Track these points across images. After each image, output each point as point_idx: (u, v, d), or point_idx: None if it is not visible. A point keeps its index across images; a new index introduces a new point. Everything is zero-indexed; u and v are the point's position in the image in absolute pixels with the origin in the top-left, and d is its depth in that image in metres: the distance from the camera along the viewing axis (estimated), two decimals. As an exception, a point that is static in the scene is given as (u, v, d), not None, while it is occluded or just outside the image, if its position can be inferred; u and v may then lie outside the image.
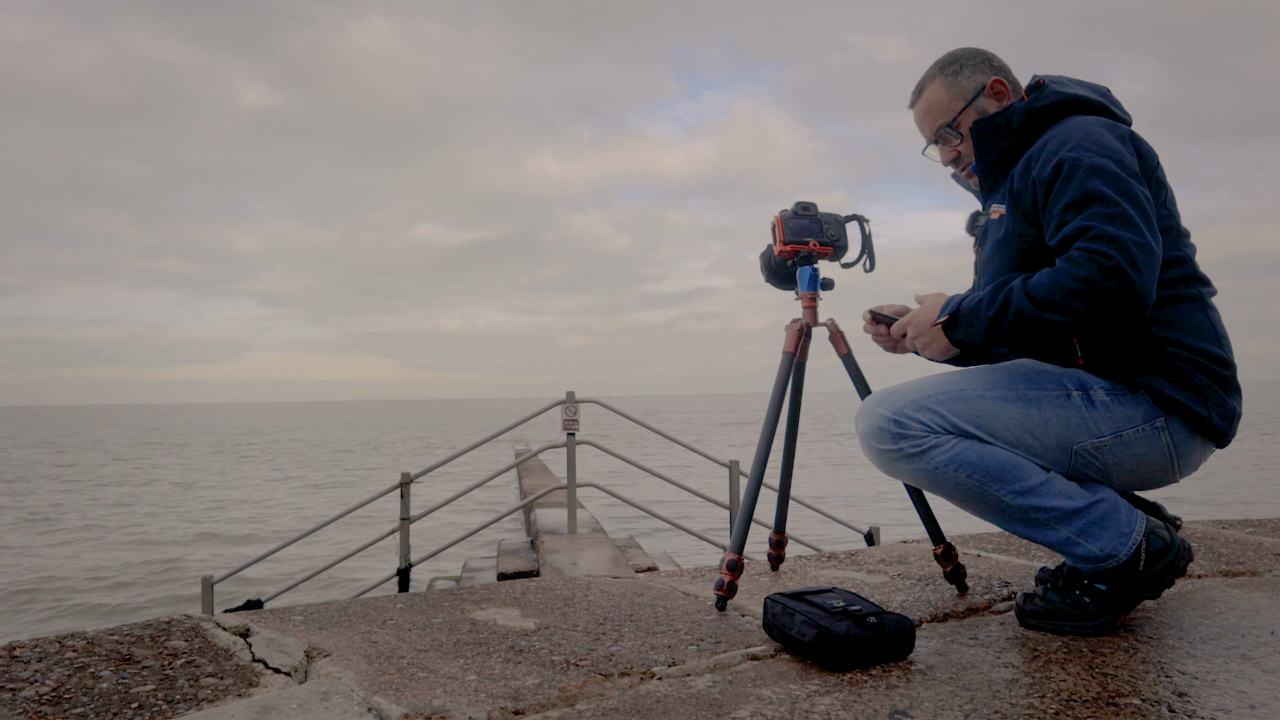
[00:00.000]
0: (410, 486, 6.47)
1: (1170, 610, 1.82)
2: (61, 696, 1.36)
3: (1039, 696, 1.33)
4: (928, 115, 1.85)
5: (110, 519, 16.29)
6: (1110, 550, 1.58)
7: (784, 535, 2.28)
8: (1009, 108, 1.73)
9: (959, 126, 1.81)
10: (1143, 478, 1.67)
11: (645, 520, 7.51)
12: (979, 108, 1.79)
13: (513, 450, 22.96)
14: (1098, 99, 1.72)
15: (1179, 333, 1.60)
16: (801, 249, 1.97)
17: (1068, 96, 1.70)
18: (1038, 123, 1.70)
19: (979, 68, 1.80)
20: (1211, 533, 2.78)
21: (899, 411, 1.64)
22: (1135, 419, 1.61)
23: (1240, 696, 1.32)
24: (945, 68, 1.82)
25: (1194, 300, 1.64)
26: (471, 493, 6.94)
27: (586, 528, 7.99)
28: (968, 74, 1.80)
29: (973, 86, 1.80)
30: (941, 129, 1.83)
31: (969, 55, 1.82)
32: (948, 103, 1.81)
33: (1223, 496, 15.54)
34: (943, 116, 1.82)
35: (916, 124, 1.89)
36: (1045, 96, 1.70)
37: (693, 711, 1.30)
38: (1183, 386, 1.59)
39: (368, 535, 6.74)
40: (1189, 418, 1.60)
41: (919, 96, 1.86)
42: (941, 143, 1.86)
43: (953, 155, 1.86)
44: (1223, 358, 1.63)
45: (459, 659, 1.58)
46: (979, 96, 1.79)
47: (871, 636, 1.48)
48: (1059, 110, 1.70)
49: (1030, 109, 1.71)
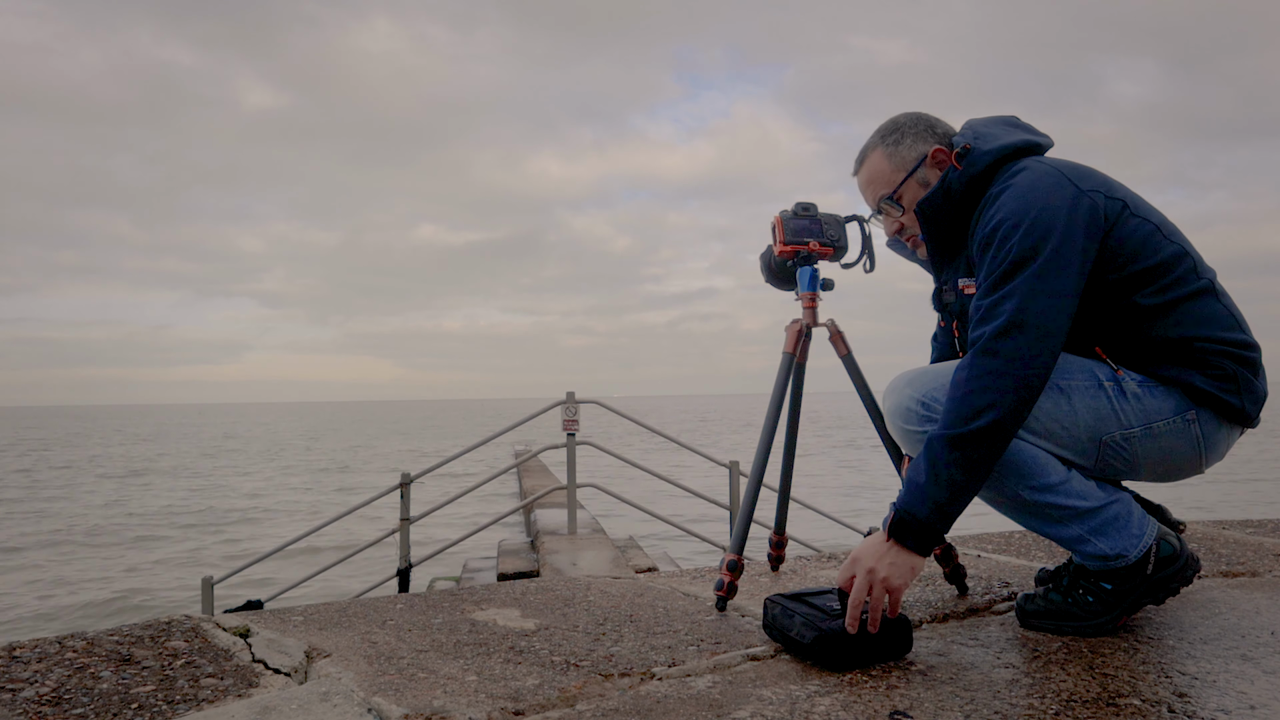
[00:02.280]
0: (410, 487, 6.47)
1: (1170, 611, 1.82)
2: (61, 697, 1.36)
3: (1039, 697, 1.33)
4: (870, 186, 1.83)
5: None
6: (1121, 550, 1.59)
7: (784, 536, 2.28)
8: (945, 179, 1.71)
9: (899, 199, 1.78)
10: (1169, 469, 1.66)
11: (645, 520, 7.50)
12: (920, 179, 1.76)
13: (513, 450, 22.97)
14: (1021, 139, 1.71)
15: (1205, 328, 1.60)
16: (801, 249, 1.97)
17: (995, 152, 1.68)
18: (977, 186, 1.69)
19: (920, 136, 1.77)
20: (1212, 533, 2.78)
21: (928, 394, 1.64)
22: (1166, 411, 1.60)
23: (1240, 697, 1.32)
24: (886, 137, 1.79)
25: (1206, 291, 1.63)
26: (471, 493, 6.94)
27: (586, 528, 8.00)
28: (909, 143, 1.77)
29: (914, 157, 1.76)
30: (883, 201, 1.81)
31: (910, 123, 1.79)
32: (889, 174, 1.78)
33: (1221, 497, 15.53)
34: (884, 188, 1.80)
35: (860, 192, 1.87)
36: (976, 161, 1.69)
37: (693, 712, 1.30)
38: (1216, 378, 1.59)
39: (368, 535, 6.74)
40: (1221, 408, 1.60)
41: (860, 166, 1.84)
42: (884, 215, 1.84)
43: (896, 227, 1.83)
44: (1248, 342, 1.62)
45: (459, 659, 1.58)
46: (920, 167, 1.76)
47: (870, 636, 1.48)
48: (992, 169, 1.68)
49: (968, 177, 1.69)
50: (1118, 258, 1.59)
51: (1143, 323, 1.61)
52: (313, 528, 6.37)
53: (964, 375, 1.51)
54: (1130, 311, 1.61)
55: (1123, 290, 1.60)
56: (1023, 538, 2.75)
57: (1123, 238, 1.60)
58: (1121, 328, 1.62)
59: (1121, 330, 1.63)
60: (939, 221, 1.74)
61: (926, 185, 1.76)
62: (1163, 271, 1.60)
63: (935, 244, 1.78)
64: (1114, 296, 1.60)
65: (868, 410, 1.99)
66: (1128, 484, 1.75)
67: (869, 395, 2.01)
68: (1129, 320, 1.62)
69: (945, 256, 1.79)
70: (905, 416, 1.67)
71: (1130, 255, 1.59)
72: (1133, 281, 1.60)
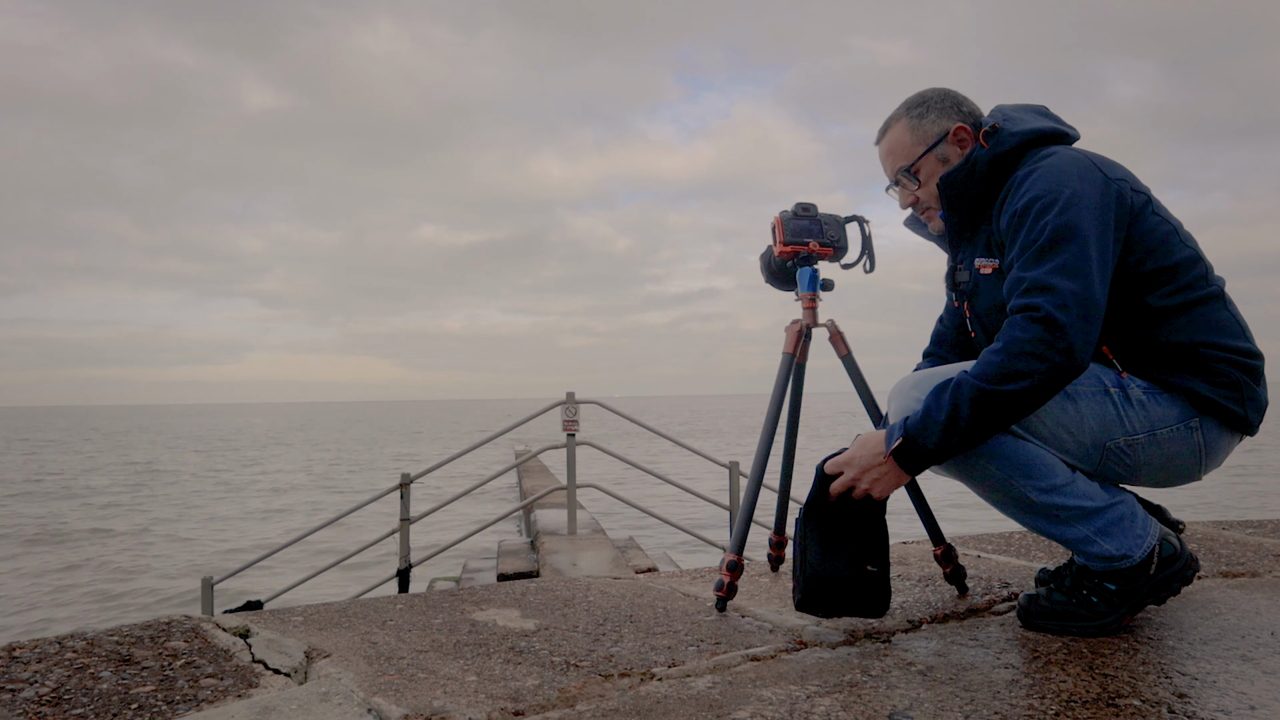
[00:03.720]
0: (410, 487, 6.47)
1: (1170, 611, 1.82)
2: (61, 697, 1.36)
3: (1039, 697, 1.33)
4: (889, 157, 1.83)
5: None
6: (1126, 550, 1.59)
7: (784, 536, 2.28)
8: (971, 157, 1.71)
9: (917, 172, 1.78)
10: (1169, 475, 1.67)
11: (645, 521, 7.51)
12: (940, 155, 1.76)
13: (513, 451, 22.96)
14: (1049, 126, 1.71)
15: (1212, 334, 1.60)
16: (801, 250, 1.97)
17: (1025, 134, 1.69)
18: (1002, 167, 1.69)
19: (946, 112, 1.77)
20: (1212, 534, 2.78)
21: None
22: (1170, 418, 1.61)
23: (1240, 697, 1.32)
24: (912, 109, 1.80)
25: (1215, 298, 1.63)
26: (471, 493, 6.94)
27: (586, 528, 7.99)
28: (933, 118, 1.77)
29: (936, 132, 1.76)
30: (901, 173, 1.81)
31: (938, 98, 1.79)
32: (909, 146, 1.78)
33: (1223, 498, 15.53)
34: (903, 160, 1.80)
35: (880, 161, 1.87)
36: (1004, 140, 1.69)
37: (693, 712, 1.29)
38: (1220, 386, 1.59)
39: (368, 536, 6.74)
40: (1224, 416, 1.61)
41: (883, 136, 1.85)
42: (900, 186, 1.84)
43: (911, 200, 1.84)
44: (1253, 350, 1.63)
45: (459, 660, 1.58)
46: (941, 143, 1.76)
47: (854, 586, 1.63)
48: (1020, 150, 1.69)
49: (993, 156, 1.69)
50: (1136, 252, 1.60)
51: (1151, 325, 1.61)
52: (313, 528, 6.37)
53: (1012, 337, 1.49)
54: (1140, 312, 1.61)
55: (1135, 289, 1.60)
56: (1023, 538, 2.75)
57: (1143, 233, 1.61)
58: (1130, 329, 1.63)
59: (1130, 331, 1.63)
60: (961, 198, 1.73)
61: (945, 161, 1.76)
62: (1176, 274, 1.61)
63: (954, 221, 1.77)
64: (1126, 295, 1.60)
65: (868, 410, 1.99)
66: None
67: (869, 395, 2.01)
68: (1138, 321, 1.62)
69: (963, 234, 1.79)
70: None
71: (1148, 252, 1.60)
72: (1146, 281, 1.60)
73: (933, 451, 1.54)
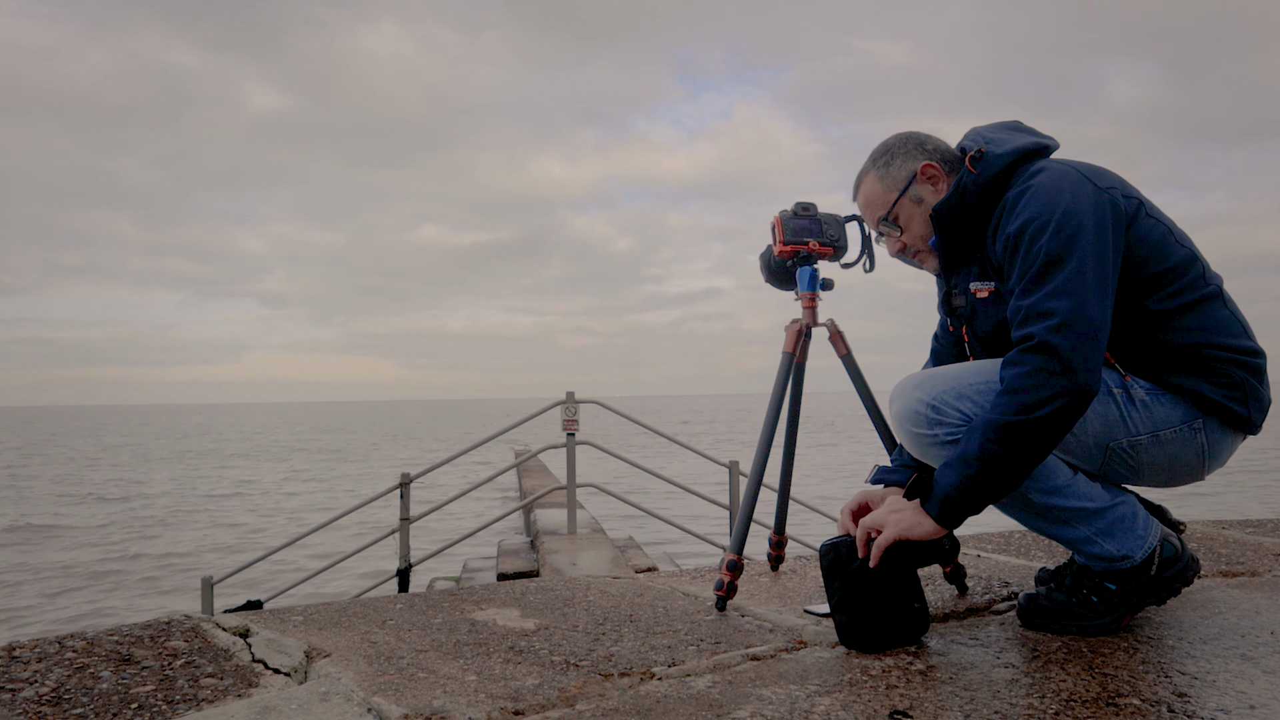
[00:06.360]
0: (410, 487, 6.47)
1: (1170, 611, 1.82)
2: (61, 697, 1.36)
3: (1039, 697, 1.33)
4: (867, 209, 1.85)
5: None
6: (1126, 550, 1.59)
7: (784, 535, 2.28)
8: (961, 184, 1.71)
9: (896, 219, 1.80)
10: (1172, 476, 1.67)
11: (645, 520, 7.50)
12: (913, 196, 1.77)
13: (512, 451, 22.96)
14: (1032, 142, 1.71)
15: (1213, 334, 1.60)
16: (801, 249, 1.97)
17: (1010, 154, 1.69)
18: (993, 190, 1.69)
19: (910, 155, 1.79)
20: (1211, 533, 2.78)
21: (938, 398, 1.63)
22: (1174, 419, 1.61)
23: (1240, 697, 1.32)
24: (878, 160, 1.81)
25: (1215, 297, 1.63)
26: (471, 493, 6.94)
27: (586, 528, 7.99)
28: (899, 163, 1.78)
29: (904, 176, 1.78)
30: (881, 223, 1.82)
31: (899, 143, 1.80)
32: (882, 195, 1.80)
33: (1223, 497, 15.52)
34: (879, 209, 1.81)
35: (859, 214, 1.90)
36: (991, 164, 1.69)
37: (693, 712, 1.30)
38: (1223, 386, 1.59)
39: (367, 535, 6.74)
40: (1227, 417, 1.61)
41: (857, 191, 1.87)
42: (884, 236, 1.85)
43: (898, 247, 1.84)
44: (1254, 349, 1.63)
45: (459, 659, 1.58)
46: (911, 184, 1.77)
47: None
48: (1007, 171, 1.69)
49: (983, 180, 1.69)
50: (1134, 259, 1.59)
51: (1152, 328, 1.61)
52: (313, 527, 6.37)
53: (1013, 373, 1.49)
54: (1139, 316, 1.61)
55: (1134, 294, 1.60)
56: (1022, 538, 2.75)
57: (1139, 238, 1.60)
58: (1130, 333, 1.62)
59: (1130, 335, 1.63)
60: (954, 226, 1.74)
61: (920, 202, 1.77)
62: (1174, 276, 1.60)
63: (948, 248, 1.78)
64: (1125, 300, 1.60)
65: (868, 410, 1.99)
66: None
67: (869, 395, 2.01)
68: (1138, 325, 1.62)
69: (956, 261, 1.80)
70: (914, 420, 1.66)
71: (1144, 257, 1.60)
72: (1144, 285, 1.60)
73: (970, 506, 1.54)
